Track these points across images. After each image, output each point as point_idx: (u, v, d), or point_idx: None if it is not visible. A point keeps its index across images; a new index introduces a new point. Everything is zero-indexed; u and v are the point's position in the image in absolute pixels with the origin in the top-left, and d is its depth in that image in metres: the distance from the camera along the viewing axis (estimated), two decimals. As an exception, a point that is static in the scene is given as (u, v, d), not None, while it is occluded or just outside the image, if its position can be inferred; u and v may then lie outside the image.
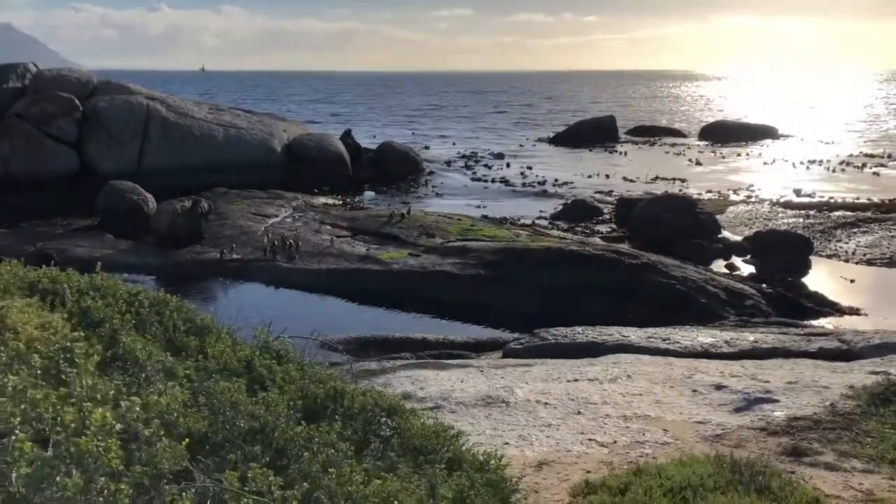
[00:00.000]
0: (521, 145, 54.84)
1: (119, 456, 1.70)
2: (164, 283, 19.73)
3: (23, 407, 1.67)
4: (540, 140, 58.43)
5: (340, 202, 28.54)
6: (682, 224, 24.06)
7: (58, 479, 1.51)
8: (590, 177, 38.58)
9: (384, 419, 4.61)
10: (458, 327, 16.52)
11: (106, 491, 1.59)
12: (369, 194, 33.87)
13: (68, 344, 2.28)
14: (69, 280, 4.94)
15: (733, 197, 32.20)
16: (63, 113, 31.94)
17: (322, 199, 28.49)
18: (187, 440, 2.09)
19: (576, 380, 8.96)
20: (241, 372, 4.46)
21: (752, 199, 31.36)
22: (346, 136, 39.77)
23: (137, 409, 2.17)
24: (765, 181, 36.26)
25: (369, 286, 18.82)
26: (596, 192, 33.78)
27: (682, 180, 37.17)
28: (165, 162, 32.36)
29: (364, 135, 53.83)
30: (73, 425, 1.68)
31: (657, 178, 37.76)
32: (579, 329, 13.06)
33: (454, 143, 55.63)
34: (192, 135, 33.94)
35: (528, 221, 27.14)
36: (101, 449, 1.65)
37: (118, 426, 1.83)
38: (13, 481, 1.47)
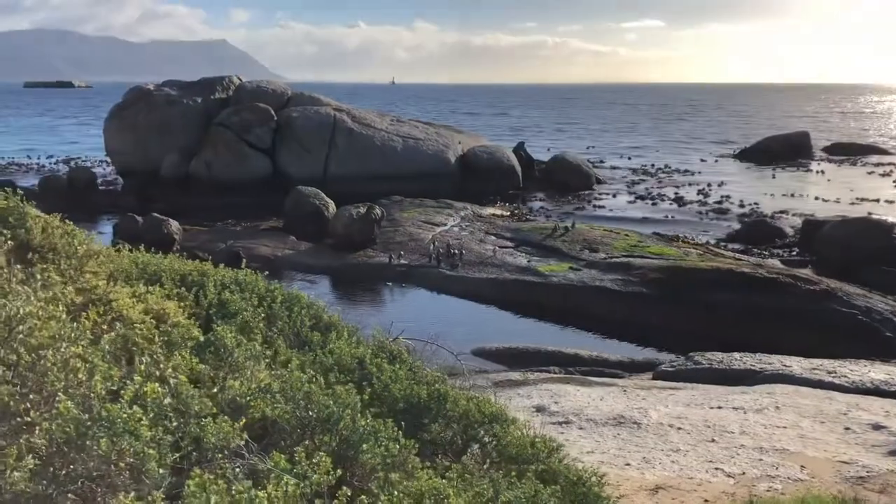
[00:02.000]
0: (702, 160, 52.72)
1: (148, 423, 1.98)
2: (335, 282, 21.02)
3: (69, 376, 2.00)
4: (724, 156, 55.86)
5: (507, 213, 28.91)
6: (872, 249, 22.14)
7: (91, 440, 1.80)
8: (783, 195, 36.34)
9: (486, 425, 4.74)
10: (613, 345, 16.26)
11: (140, 454, 1.87)
12: (537, 206, 33.98)
13: (168, 328, 2.64)
14: (215, 274, 5.47)
15: (941, 222, 29.10)
16: (260, 122, 34.73)
17: (489, 210, 29.01)
18: (244, 421, 2.35)
19: (719, 407, 8.60)
20: (353, 368, 4.76)
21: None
22: (520, 148, 40.16)
23: (211, 391, 2.47)
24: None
25: (527, 297, 18.93)
26: (781, 213, 31.82)
27: (891, 202, 34.05)
28: (348, 169, 34.27)
29: (540, 147, 53.98)
30: (103, 394, 1.98)
31: (860, 199, 34.83)
32: (738, 355, 12.46)
33: (630, 158, 54.48)
34: (374, 144, 35.67)
35: (703, 241, 26.08)
36: (127, 415, 1.94)
37: (167, 401, 2.12)
38: (53, 438, 1.78)
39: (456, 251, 21.76)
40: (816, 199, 35.26)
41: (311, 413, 2.81)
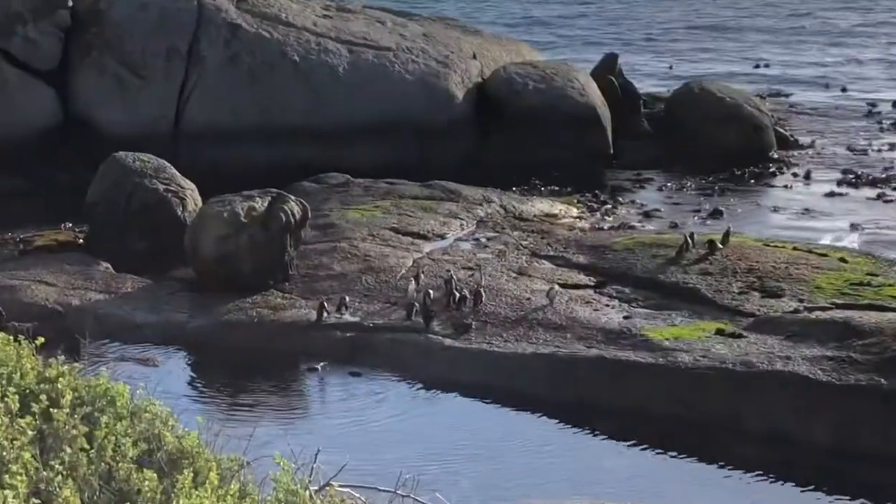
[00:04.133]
0: None
1: None
2: (198, 363, 21.02)
3: None
4: None
5: (578, 212, 29.02)
6: None
7: None
8: None
9: None
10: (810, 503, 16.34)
11: None
12: (645, 196, 33.99)
13: None
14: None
15: None
16: (37, 14, 34.72)
17: (540, 205, 29.12)
18: None
19: None
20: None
21: None
22: (607, 70, 40.22)
23: None
24: None
25: (623, 397, 18.93)
26: None
27: None
28: (227, 115, 34.30)
29: (642, 70, 54.16)
30: None
31: None
32: None
33: (844, 90, 54.81)
34: (288, 61, 35.75)
35: None
36: None
37: None
38: None
39: (466, 294, 21.70)
40: None
41: None
